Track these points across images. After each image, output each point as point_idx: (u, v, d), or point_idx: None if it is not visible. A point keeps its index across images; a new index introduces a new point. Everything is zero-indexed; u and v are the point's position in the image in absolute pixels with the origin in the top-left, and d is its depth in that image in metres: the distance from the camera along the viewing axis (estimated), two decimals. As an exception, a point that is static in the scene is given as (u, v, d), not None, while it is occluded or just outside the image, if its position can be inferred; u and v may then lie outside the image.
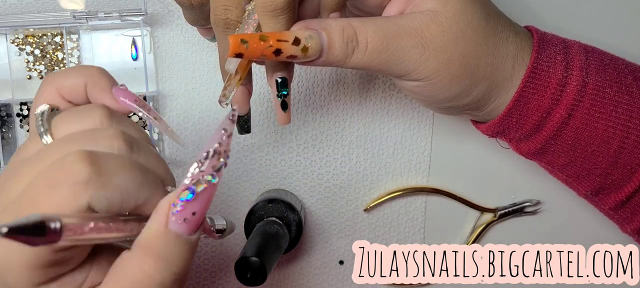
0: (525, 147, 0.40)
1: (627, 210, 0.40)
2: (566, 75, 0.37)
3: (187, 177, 0.23)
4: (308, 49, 0.31)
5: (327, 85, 0.50)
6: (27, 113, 0.50)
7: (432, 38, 0.33)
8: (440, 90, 0.36)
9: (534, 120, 0.38)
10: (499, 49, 0.36)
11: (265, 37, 0.30)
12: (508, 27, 0.37)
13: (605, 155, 0.38)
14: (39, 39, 0.49)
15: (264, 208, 0.47)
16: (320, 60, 0.33)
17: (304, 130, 0.50)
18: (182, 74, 0.49)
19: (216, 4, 0.33)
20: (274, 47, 0.30)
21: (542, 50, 0.37)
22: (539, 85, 0.37)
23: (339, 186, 0.51)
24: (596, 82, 0.37)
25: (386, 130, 0.50)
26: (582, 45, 0.39)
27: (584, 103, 0.37)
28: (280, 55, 0.31)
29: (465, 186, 0.51)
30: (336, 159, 0.51)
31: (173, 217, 0.23)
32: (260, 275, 0.39)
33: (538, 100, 0.37)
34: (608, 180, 0.39)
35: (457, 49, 0.34)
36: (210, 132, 0.50)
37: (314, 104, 0.50)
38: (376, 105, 0.50)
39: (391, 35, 0.33)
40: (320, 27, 0.32)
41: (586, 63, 0.37)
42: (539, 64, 0.36)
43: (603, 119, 0.37)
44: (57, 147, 0.25)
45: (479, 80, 0.36)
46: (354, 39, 0.33)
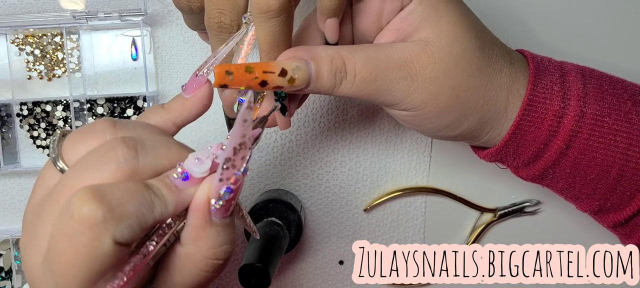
0: (524, 173, 0.40)
1: (626, 229, 0.40)
2: (563, 106, 0.36)
3: (220, 174, 0.24)
4: (295, 79, 0.31)
5: (327, 85, 0.50)
6: (27, 113, 0.50)
7: (421, 69, 0.33)
8: (428, 121, 0.35)
9: (531, 150, 0.37)
10: (493, 80, 0.35)
11: (251, 68, 0.30)
12: (503, 56, 0.36)
13: (604, 182, 0.37)
14: (39, 39, 0.49)
15: (264, 208, 0.47)
16: (308, 89, 0.32)
17: (304, 130, 0.50)
18: (182, 74, 0.49)
19: (210, 7, 0.32)
20: (260, 78, 0.30)
21: (538, 81, 0.36)
22: (536, 117, 0.36)
23: (339, 186, 0.51)
24: (594, 111, 0.36)
25: (386, 130, 0.50)
26: (580, 70, 0.38)
27: (582, 133, 0.36)
28: (266, 86, 0.30)
29: (465, 186, 0.51)
30: (336, 159, 0.51)
31: (214, 211, 0.25)
32: (264, 280, 0.39)
33: (535, 131, 0.36)
34: (607, 203, 0.39)
35: (447, 80, 0.33)
36: (210, 132, 0.50)
37: (313, 104, 0.50)
38: (376, 106, 0.50)
39: (380, 67, 0.32)
40: (309, 56, 0.32)
41: (584, 91, 0.36)
42: (536, 96, 0.36)
43: (602, 148, 0.36)
44: (66, 181, 0.25)
45: (470, 112, 0.35)
46: (343, 69, 0.32)
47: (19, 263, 0.52)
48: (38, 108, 0.50)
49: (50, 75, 0.50)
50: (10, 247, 0.51)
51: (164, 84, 0.49)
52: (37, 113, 0.50)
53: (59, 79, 0.50)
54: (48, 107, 0.50)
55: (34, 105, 0.50)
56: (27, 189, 0.51)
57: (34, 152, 0.51)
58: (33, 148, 0.51)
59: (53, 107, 0.50)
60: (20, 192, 0.51)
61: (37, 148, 0.51)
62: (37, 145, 0.51)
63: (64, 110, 0.50)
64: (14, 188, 0.51)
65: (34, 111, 0.50)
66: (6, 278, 0.51)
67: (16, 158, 0.51)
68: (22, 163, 0.51)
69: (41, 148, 0.51)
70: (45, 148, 0.51)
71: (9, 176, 0.51)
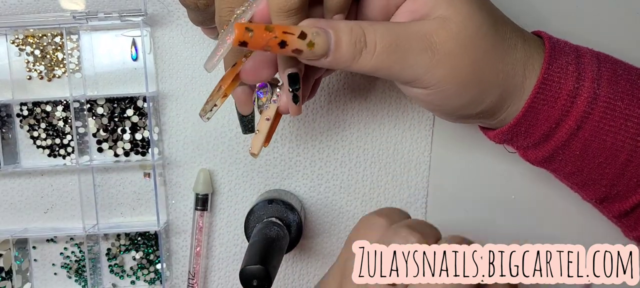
0: (533, 155, 0.40)
1: (631, 219, 0.40)
2: (578, 87, 0.36)
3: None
4: (314, 44, 0.31)
5: (327, 85, 0.50)
6: (27, 113, 0.50)
7: (441, 44, 0.33)
8: (449, 99, 0.35)
9: (543, 130, 0.37)
10: (508, 55, 0.35)
11: (271, 27, 0.30)
12: (516, 33, 0.36)
13: (613, 166, 0.38)
14: (39, 39, 0.49)
15: (263, 208, 0.47)
16: (327, 60, 0.32)
17: (304, 130, 0.50)
18: (182, 74, 0.49)
19: (221, 5, 0.32)
20: (279, 38, 0.30)
21: (553, 60, 0.36)
22: (550, 96, 0.36)
23: (339, 186, 0.51)
24: (608, 94, 0.36)
25: (386, 130, 0.50)
26: (595, 54, 0.38)
27: (594, 115, 0.36)
28: (286, 47, 0.30)
29: (466, 186, 0.51)
30: (336, 159, 0.51)
31: None
32: (266, 282, 0.39)
33: (548, 110, 0.36)
34: (614, 190, 0.39)
35: (465, 56, 0.34)
36: (210, 132, 0.50)
37: (314, 104, 0.50)
38: (376, 105, 0.50)
39: (400, 37, 0.32)
40: (328, 26, 0.32)
41: (598, 74, 0.36)
42: (550, 75, 0.36)
43: (612, 132, 0.36)
44: None
45: (489, 88, 0.35)
46: (363, 39, 0.32)
47: (19, 263, 0.52)
48: (38, 108, 0.50)
49: (50, 76, 0.50)
50: (10, 247, 0.51)
51: (164, 84, 0.49)
52: (37, 113, 0.50)
53: (59, 79, 0.50)
54: (48, 107, 0.50)
55: (34, 105, 0.50)
56: (27, 189, 0.51)
57: (34, 152, 0.51)
58: (33, 149, 0.51)
59: (53, 107, 0.50)
60: (20, 192, 0.52)
61: (37, 149, 0.51)
62: (37, 146, 0.51)
63: (64, 111, 0.50)
64: (14, 189, 0.51)
65: (34, 111, 0.50)
66: (6, 279, 0.51)
67: (16, 159, 0.51)
68: (22, 164, 0.51)
69: (41, 148, 0.51)
70: (46, 148, 0.51)
71: (9, 176, 0.51)
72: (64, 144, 0.51)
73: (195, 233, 0.51)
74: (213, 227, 0.52)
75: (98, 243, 0.52)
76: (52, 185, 0.51)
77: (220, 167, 0.51)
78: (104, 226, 0.51)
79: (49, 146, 0.51)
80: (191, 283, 0.52)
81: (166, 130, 0.50)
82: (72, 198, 0.52)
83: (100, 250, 0.53)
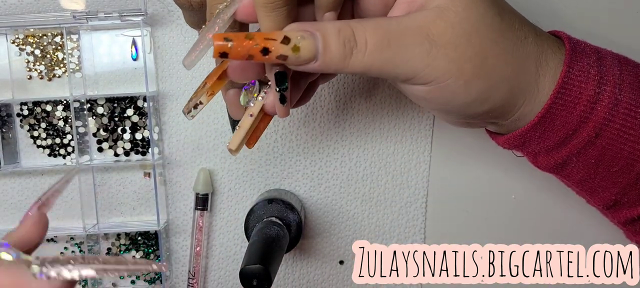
0: (544, 161, 0.38)
1: (636, 226, 0.39)
2: (599, 92, 0.33)
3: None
4: (299, 48, 0.29)
5: (327, 85, 0.50)
6: (27, 113, 0.50)
7: (439, 34, 0.30)
8: (454, 96, 0.32)
9: (558, 136, 0.35)
10: (518, 48, 0.33)
11: (252, 35, 0.29)
12: (526, 26, 0.34)
13: (627, 176, 0.36)
14: (39, 39, 0.49)
15: (263, 208, 0.47)
16: (317, 64, 0.30)
17: (304, 130, 0.50)
18: (182, 74, 0.49)
19: (213, 3, 0.32)
20: (261, 45, 0.28)
21: (574, 62, 0.33)
22: (569, 101, 0.33)
23: (339, 186, 0.51)
24: (629, 100, 0.33)
25: (386, 130, 0.50)
26: (616, 57, 0.35)
27: (614, 123, 0.34)
28: (269, 54, 0.29)
29: (466, 186, 0.51)
30: (336, 159, 0.51)
31: None
32: (266, 282, 0.39)
33: (566, 116, 0.34)
34: (624, 198, 0.37)
35: (469, 47, 0.31)
36: (210, 132, 0.50)
37: (314, 104, 0.50)
38: (376, 105, 0.50)
39: (392, 33, 0.30)
40: (315, 28, 0.30)
41: (620, 78, 0.34)
42: (571, 78, 0.33)
43: (631, 141, 0.34)
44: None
45: (498, 82, 0.32)
46: (352, 38, 0.30)
47: (19, 263, 0.52)
48: (38, 108, 0.50)
49: (50, 75, 0.50)
50: (11, 246, 0.51)
51: (164, 84, 0.50)
52: (38, 113, 0.50)
53: (59, 79, 0.50)
54: (48, 107, 0.50)
55: (34, 105, 0.50)
56: (27, 189, 0.51)
57: (34, 152, 0.51)
58: (33, 149, 0.51)
59: (53, 107, 0.50)
60: (20, 192, 0.52)
61: (37, 149, 0.51)
62: (38, 145, 0.51)
63: (64, 110, 0.50)
64: (14, 189, 0.51)
65: (34, 111, 0.50)
66: (6, 278, 0.51)
67: (16, 158, 0.51)
68: (22, 164, 0.51)
69: (41, 148, 0.51)
70: (46, 148, 0.51)
71: (9, 176, 0.51)
72: (64, 144, 0.51)
73: (195, 233, 0.51)
74: (213, 227, 0.52)
75: (98, 243, 0.52)
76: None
77: (220, 166, 0.51)
78: (104, 226, 0.52)
79: (49, 146, 0.51)
80: (191, 283, 0.52)
81: (166, 130, 0.50)
82: (72, 198, 0.52)
83: (101, 250, 0.53)
